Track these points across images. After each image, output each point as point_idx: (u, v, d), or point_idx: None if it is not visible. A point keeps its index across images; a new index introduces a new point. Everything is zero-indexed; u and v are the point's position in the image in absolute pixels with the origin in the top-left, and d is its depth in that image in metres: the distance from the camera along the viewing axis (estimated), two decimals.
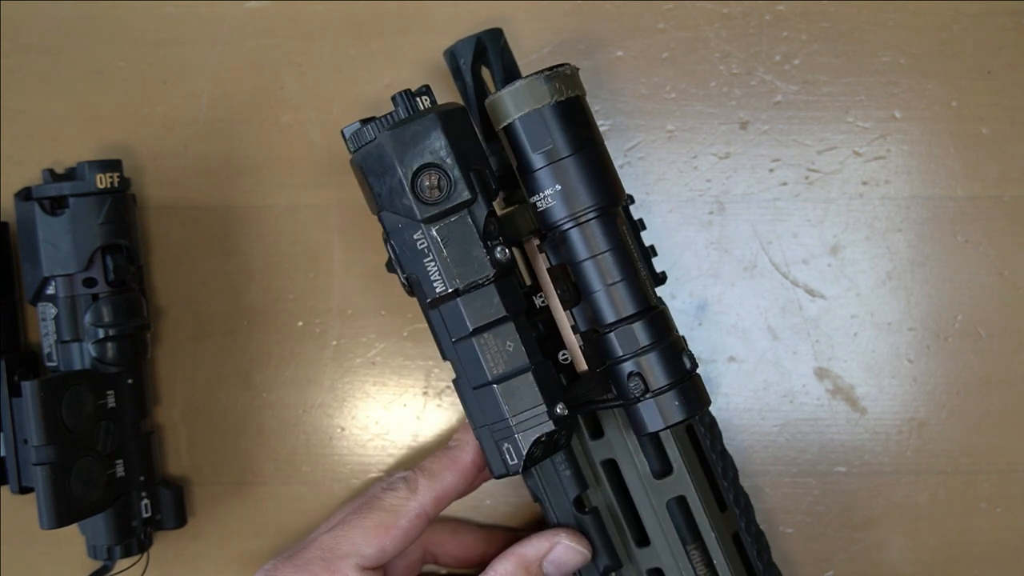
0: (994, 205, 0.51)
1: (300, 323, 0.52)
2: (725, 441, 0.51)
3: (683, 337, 0.46)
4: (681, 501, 0.45)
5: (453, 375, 0.42)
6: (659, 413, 0.41)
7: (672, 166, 0.51)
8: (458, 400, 0.51)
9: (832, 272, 0.51)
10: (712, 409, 0.51)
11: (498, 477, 0.42)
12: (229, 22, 0.52)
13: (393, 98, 0.41)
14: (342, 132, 0.41)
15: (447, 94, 0.49)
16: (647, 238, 0.51)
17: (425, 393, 0.52)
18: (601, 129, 0.51)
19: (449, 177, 0.40)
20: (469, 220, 0.40)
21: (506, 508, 0.52)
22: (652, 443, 0.46)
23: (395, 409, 0.52)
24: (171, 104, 0.52)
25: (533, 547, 0.44)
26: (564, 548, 0.44)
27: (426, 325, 0.42)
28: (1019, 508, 0.51)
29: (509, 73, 0.47)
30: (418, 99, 0.41)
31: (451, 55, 0.47)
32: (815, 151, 0.51)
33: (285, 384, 0.52)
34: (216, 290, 0.52)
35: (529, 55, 0.51)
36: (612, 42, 0.51)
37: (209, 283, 0.52)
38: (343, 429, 0.52)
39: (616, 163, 0.51)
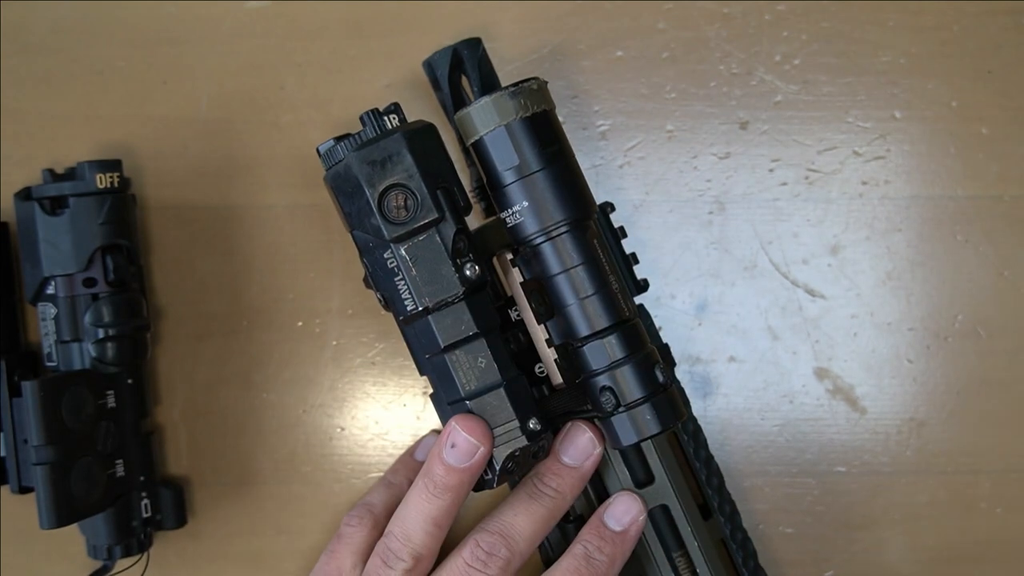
0: (994, 205, 0.51)
1: (300, 323, 0.52)
2: (725, 441, 0.51)
3: (667, 345, 0.46)
4: (665, 510, 0.46)
5: (430, 390, 0.43)
6: (631, 426, 0.41)
7: (672, 166, 0.51)
8: None
9: (832, 272, 0.51)
10: (712, 409, 0.51)
11: (476, 490, 0.43)
12: (229, 22, 0.52)
13: (361, 117, 0.41)
14: (317, 150, 0.42)
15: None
16: (645, 239, 0.51)
17: (425, 393, 0.52)
18: (601, 129, 0.51)
19: (416, 196, 0.40)
20: (437, 239, 0.40)
21: None
22: (634, 452, 0.46)
23: (395, 409, 0.52)
24: (171, 104, 0.52)
25: (603, 507, 0.45)
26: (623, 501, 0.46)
27: None
28: (1019, 508, 0.51)
29: (487, 83, 0.46)
30: (386, 118, 0.41)
31: (428, 66, 0.47)
32: (815, 151, 0.51)
33: (285, 384, 0.52)
34: (216, 290, 0.52)
35: (529, 55, 0.51)
36: (612, 42, 0.51)
37: (209, 283, 0.52)
38: (343, 429, 0.52)
39: (616, 163, 0.51)
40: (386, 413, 0.52)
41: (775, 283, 0.51)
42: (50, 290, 0.48)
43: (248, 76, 0.52)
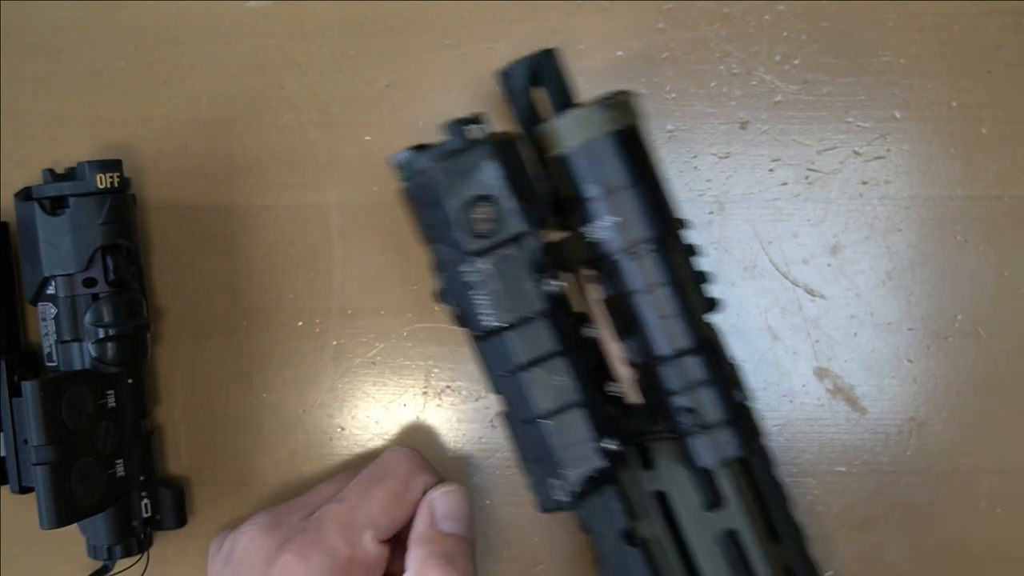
0: (994, 205, 0.51)
1: (300, 323, 0.52)
2: None
3: (735, 363, 0.45)
4: (733, 534, 0.44)
5: (501, 408, 0.42)
6: (713, 448, 0.40)
7: (672, 166, 0.51)
8: (458, 400, 0.52)
9: (832, 272, 0.51)
10: None
11: (546, 512, 0.41)
12: (229, 22, 0.52)
13: (445, 126, 0.40)
14: (390, 160, 0.41)
15: (438, 102, 0.49)
16: None
17: (425, 393, 0.52)
18: None
19: (502, 209, 0.39)
20: (520, 253, 0.39)
21: (505, 508, 0.52)
22: (703, 475, 0.44)
23: (395, 409, 0.52)
24: (171, 104, 0.52)
25: (421, 521, 0.45)
26: (441, 500, 0.45)
27: (427, 325, 0.42)
28: (1019, 508, 0.51)
29: (564, 96, 0.45)
30: (471, 127, 0.40)
31: (505, 76, 0.45)
32: (815, 151, 0.51)
33: (285, 384, 0.52)
34: (216, 290, 0.52)
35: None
36: (612, 42, 0.51)
37: (209, 283, 0.52)
38: (343, 429, 0.52)
39: None
40: (386, 413, 0.52)
41: (775, 283, 0.51)
42: (50, 290, 0.48)
43: (248, 76, 0.52)
